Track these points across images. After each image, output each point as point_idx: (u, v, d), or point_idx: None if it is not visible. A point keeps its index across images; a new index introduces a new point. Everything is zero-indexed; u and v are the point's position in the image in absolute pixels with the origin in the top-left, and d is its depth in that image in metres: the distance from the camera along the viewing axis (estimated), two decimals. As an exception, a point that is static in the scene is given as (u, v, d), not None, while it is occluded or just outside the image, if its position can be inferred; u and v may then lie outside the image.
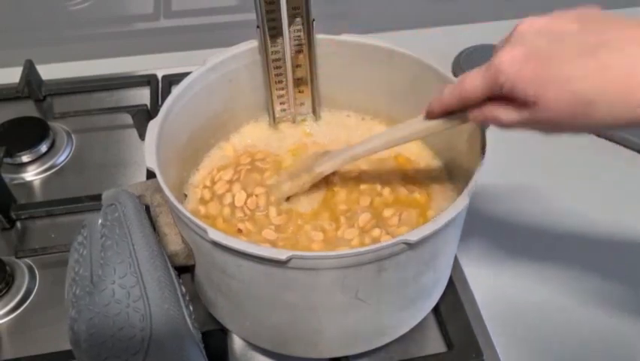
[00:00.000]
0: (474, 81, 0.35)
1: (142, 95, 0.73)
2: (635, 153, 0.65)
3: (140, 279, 0.38)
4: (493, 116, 0.35)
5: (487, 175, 0.41)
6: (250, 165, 0.49)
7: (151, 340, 0.36)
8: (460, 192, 0.39)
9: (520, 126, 0.34)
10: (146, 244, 0.39)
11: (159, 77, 0.74)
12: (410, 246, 0.36)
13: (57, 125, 0.68)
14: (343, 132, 0.54)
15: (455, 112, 0.38)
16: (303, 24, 0.48)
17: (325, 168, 0.45)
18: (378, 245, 0.35)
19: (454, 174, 0.49)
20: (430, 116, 0.39)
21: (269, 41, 0.48)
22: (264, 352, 0.48)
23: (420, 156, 0.52)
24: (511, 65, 0.32)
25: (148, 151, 0.41)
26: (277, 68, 0.50)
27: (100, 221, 0.41)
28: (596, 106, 0.29)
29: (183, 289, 0.41)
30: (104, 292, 0.38)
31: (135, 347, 0.36)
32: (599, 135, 0.67)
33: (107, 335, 0.36)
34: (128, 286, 0.38)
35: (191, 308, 0.40)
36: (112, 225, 0.40)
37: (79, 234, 0.42)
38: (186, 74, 0.47)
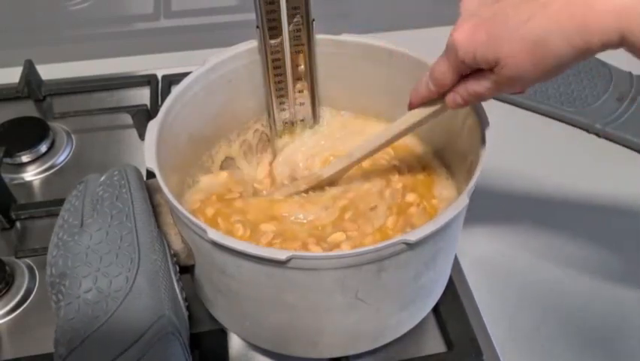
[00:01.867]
0: (440, 68, 0.37)
1: (142, 95, 0.73)
2: (635, 153, 0.65)
3: (134, 228, 0.39)
4: (470, 93, 0.36)
5: (487, 175, 0.41)
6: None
7: (135, 281, 0.37)
8: (460, 190, 0.39)
9: (496, 91, 0.35)
10: (145, 205, 0.41)
11: (159, 77, 0.73)
12: (410, 246, 0.36)
13: (57, 125, 0.68)
14: (341, 136, 0.54)
15: (434, 100, 0.40)
16: (303, 24, 0.47)
17: (325, 172, 0.48)
18: (378, 245, 0.35)
19: (455, 173, 0.49)
20: (410, 108, 0.42)
21: (269, 41, 0.48)
22: (264, 352, 0.48)
23: (420, 154, 0.52)
24: (464, 38, 0.34)
25: (148, 151, 0.41)
26: (277, 68, 0.50)
27: (102, 178, 0.42)
28: (550, 42, 0.30)
29: (172, 251, 0.42)
30: (97, 232, 0.39)
31: (118, 285, 0.37)
32: (598, 135, 0.67)
33: (92, 269, 0.37)
34: (123, 233, 0.39)
35: (177, 268, 0.41)
36: (113, 183, 0.41)
37: (75, 188, 0.43)
38: (186, 74, 0.47)
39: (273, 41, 0.48)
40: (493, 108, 0.43)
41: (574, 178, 0.62)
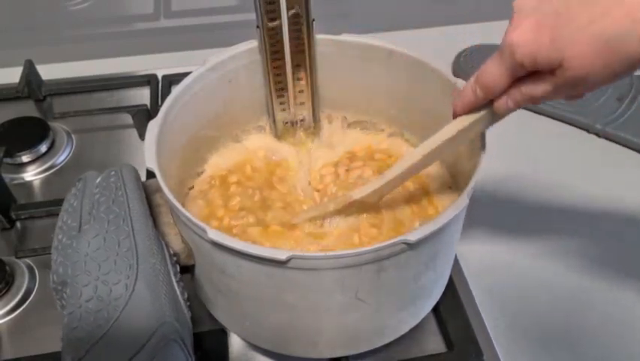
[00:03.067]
0: (492, 71, 0.34)
1: (142, 95, 0.73)
2: (635, 153, 0.65)
3: (132, 232, 0.39)
4: (525, 96, 0.33)
5: (487, 175, 0.41)
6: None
7: (135, 288, 0.37)
8: (460, 191, 0.39)
9: (555, 95, 0.32)
10: (142, 206, 0.41)
11: (159, 77, 0.73)
12: (410, 246, 0.36)
13: (57, 125, 0.68)
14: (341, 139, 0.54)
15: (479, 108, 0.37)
16: (302, 24, 0.47)
17: (356, 193, 0.43)
18: (377, 245, 0.35)
19: (454, 174, 0.49)
20: (455, 117, 0.38)
21: (269, 41, 0.48)
22: (264, 352, 0.48)
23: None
24: (525, 38, 0.31)
25: (148, 151, 0.41)
26: (277, 68, 0.50)
27: (98, 180, 0.42)
28: (626, 41, 0.27)
29: (172, 251, 0.41)
30: (95, 239, 0.38)
31: (119, 292, 0.37)
32: (598, 135, 0.67)
33: (92, 278, 0.37)
34: (120, 238, 0.38)
35: (177, 268, 0.41)
36: (109, 185, 0.41)
37: (74, 186, 0.43)
38: (186, 74, 0.47)
39: (272, 41, 0.48)
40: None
41: (574, 178, 0.62)
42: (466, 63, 0.75)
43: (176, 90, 0.46)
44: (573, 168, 0.63)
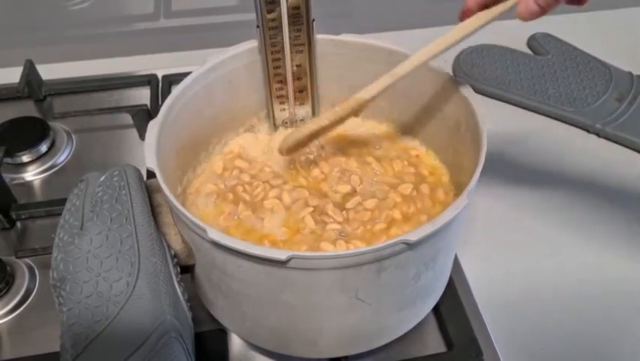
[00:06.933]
0: None
1: (142, 95, 0.73)
2: (636, 153, 0.65)
3: (134, 231, 0.39)
4: None
5: (487, 175, 0.41)
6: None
7: (136, 285, 0.37)
8: (460, 191, 0.39)
9: None
10: (144, 206, 0.41)
11: (159, 77, 0.74)
12: (410, 246, 0.36)
13: (57, 125, 0.68)
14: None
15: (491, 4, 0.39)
16: (303, 24, 0.48)
17: (368, 93, 0.45)
18: (378, 245, 0.35)
19: (454, 173, 0.49)
20: (467, 14, 0.41)
21: (269, 41, 0.48)
22: (264, 352, 0.48)
23: (423, 155, 0.52)
24: None
25: (148, 151, 0.41)
26: (277, 68, 0.50)
27: (101, 179, 0.42)
28: None
29: (172, 251, 0.42)
30: (97, 236, 0.39)
31: (119, 289, 0.37)
32: (598, 135, 0.67)
33: (93, 274, 0.37)
34: (123, 236, 0.39)
35: (178, 269, 0.41)
36: (112, 184, 0.41)
37: (76, 187, 0.43)
38: (186, 74, 0.47)
39: (273, 41, 0.48)
40: (493, 108, 0.43)
41: (574, 178, 0.62)
42: (466, 63, 0.75)
43: (176, 90, 0.46)
44: (573, 168, 0.63)
